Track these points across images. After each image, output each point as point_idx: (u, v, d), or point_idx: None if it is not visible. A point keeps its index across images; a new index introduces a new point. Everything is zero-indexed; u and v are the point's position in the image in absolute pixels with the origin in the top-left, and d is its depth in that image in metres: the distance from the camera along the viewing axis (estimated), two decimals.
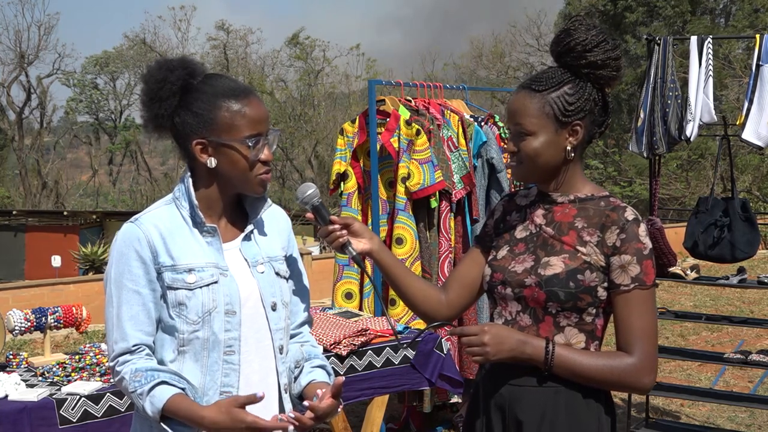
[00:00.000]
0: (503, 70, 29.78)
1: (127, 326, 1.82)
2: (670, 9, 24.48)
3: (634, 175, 22.85)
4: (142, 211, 1.92)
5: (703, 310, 8.48)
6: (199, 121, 1.82)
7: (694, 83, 4.36)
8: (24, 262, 19.74)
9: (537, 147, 1.81)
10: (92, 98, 37.05)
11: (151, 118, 1.86)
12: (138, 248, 1.82)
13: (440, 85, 4.93)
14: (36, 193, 31.98)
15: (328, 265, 4.99)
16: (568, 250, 1.81)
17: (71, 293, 11.37)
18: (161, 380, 1.78)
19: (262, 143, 1.85)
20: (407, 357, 3.67)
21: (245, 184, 1.86)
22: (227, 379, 1.85)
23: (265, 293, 1.90)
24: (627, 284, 1.77)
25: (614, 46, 1.82)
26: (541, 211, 1.90)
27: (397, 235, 4.34)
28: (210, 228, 1.87)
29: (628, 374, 1.76)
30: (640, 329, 1.76)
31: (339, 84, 32.54)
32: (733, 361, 4.51)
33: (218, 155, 1.83)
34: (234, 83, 1.87)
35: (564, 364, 1.76)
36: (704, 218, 4.42)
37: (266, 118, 1.86)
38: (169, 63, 1.86)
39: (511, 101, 1.85)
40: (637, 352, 1.76)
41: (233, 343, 1.85)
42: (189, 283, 1.82)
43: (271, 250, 1.96)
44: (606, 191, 1.89)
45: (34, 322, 3.31)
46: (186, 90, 1.84)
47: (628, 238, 1.77)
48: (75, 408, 2.76)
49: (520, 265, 1.86)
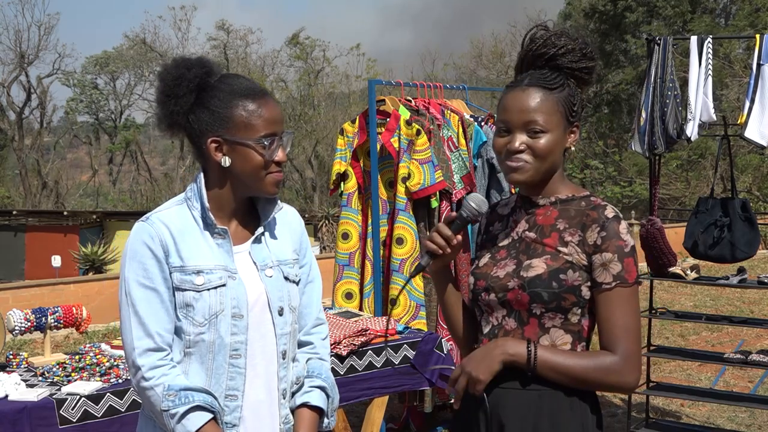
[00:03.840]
0: (503, 70, 29.76)
1: (149, 322, 1.80)
2: (670, 9, 24.48)
3: (634, 175, 22.86)
4: (143, 210, 1.92)
5: (703, 310, 8.48)
6: (215, 119, 1.82)
7: (694, 83, 4.36)
8: (24, 262, 19.73)
9: (551, 145, 1.80)
10: (92, 98, 37.04)
11: (166, 115, 1.85)
12: (151, 246, 1.82)
13: (440, 85, 4.93)
14: (36, 193, 31.98)
15: (328, 265, 4.98)
16: (550, 251, 1.81)
17: (71, 293, 11.37)
18: (196, 404, 1.78)
19: (277, 144, 1.84)
20: (407, 357, 3.67)
21: (258, 184, 1.85)
22: (232, 383, 1.85)
23: (272, 298, 1.89)
24: (609, 282, 1.76)
25: (594, 52, 1.88)
26: (524, 216, 1.90)
27: (397, 235, 4.34)
28: (221, 230, 1.87)
29: (612, 373, 1.75)
30: (622, 327, 1.76)
31: (339, 84, 32.55)
32: (733, 361, 4.51)
33: (233, 154, 1.83)
34: (251, 83, 1.86)
35: (547, 363, 1.75)
36: (704, 218, 4.42)
37: (281, 120, 1.86)
38: (186, 61, 1.86)
39: (520, 98, 1.81)
40: (620, 350, 1.75)
41: (239, 347, 1.85)
42: (197, 284, 1.82)
43: (282, 253, 1.95)
44: (586, 191, 1.90)
45: (34, 322, 3.31)
46: (202, 88, 1.83)
47: (608, 235, 1.77)
48: (75, 408, 2.76)
49: (501, 270, 1.85)
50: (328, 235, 20.21)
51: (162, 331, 1.82)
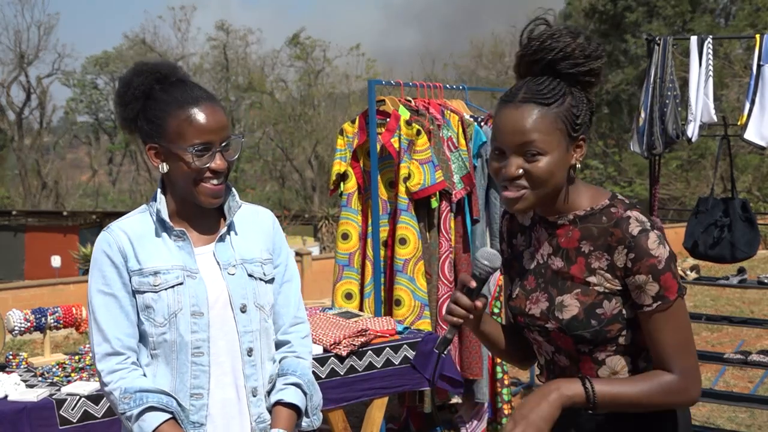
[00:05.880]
0: (503, 70, 29.78)
1: (106, 328, 1.84)
2: (670, 9, 24.48)
3: (634, 175, 22.86)
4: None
5: (703, 310, 8.48)
6: (152, 128, 1.85)
7: (694, 83, 4.36)
8: (24, 262, 19.74)
9: (551, 168, 1.63)
10: (92, 98, 37.04)
11: (119, 120, 1.93)
12: (110, 253, 1.86)
13: (440, 85, 4.93)
14: (36, 193, 32.00)
15: (328, 265, 4.99)
16: (579, 284, 1.69)
17: (71, 293, 11.37)
18: (150, 405, 1.80)
19: (213, 152, 1.84)
20: (407, 357, 3.67)
21: (191, 192, 1.86)
22: (197, 381, 1.86)
23: (234, 295, 1.90)
24: (649, 304, 1.64)
25: (599, 47, 1.70)
26: (545, 236, 1.76)
27: (400, 235, 4.34)
28: (179, 232, 1.89)
29: (673, 393, 1.65)
30: (673, 345, 1.64)
31: (339, 84, 32.57)
32: (733, 362, 4.51)
33: (169, 161, 1.85)
34: (191, 91, 1.86)
35: (607, 397, 1.64)
36: (704, 218, 4.42)
37: (219, 127, 1.84)
38: (139, 67, 1.89)
39: (514, 117, 1.63)
40: (677, 368, 1.65)
41: (201, 345, 1.86)
42: (154, 285, 1.84)
43: (248, 252, 1.95)
44: (604, 197, 1.72)
45: (33, 323, 3.31)
46: (147, 96, 1.86)
47: (637, 256, 1.62)
48: (75, 408, 2.76)
49: (535, 306, 1.75)
50: (328, 236, 20.23)
51: (120, 335, 1.85)
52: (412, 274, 4.31)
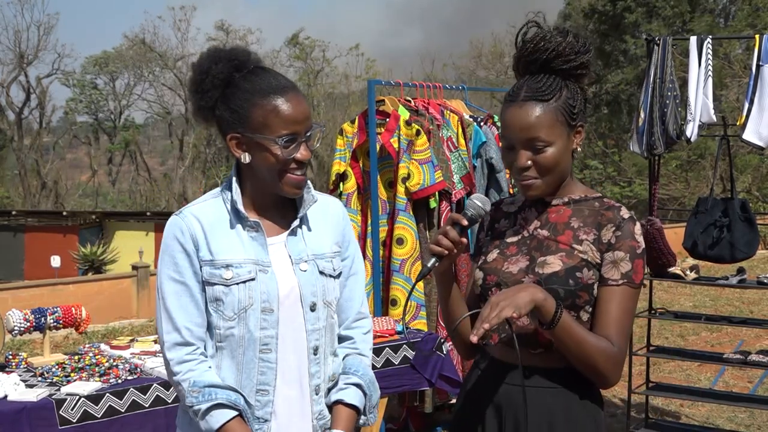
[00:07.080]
0: (503, 70, 29.76)
1: (176, 317, 1.81)
2: (669, 9, 24.46)
3: (634, 175, 22.84)
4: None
5: (702, 310, 8.48)
6: (235, 117, 1.81)
7: (693, 83, 4.36)
8: (23, 262, 19.74)
9: (557, 156, 1.81)
10: (92, 98, 37.01)
11: (195, 109, 1.86)
12: (182, 240, 1.82)
13: (440, 86, 4.93)
14: (35, 193, 31.99)
15: None
16: (564, 248, 1.82)
17: (71, 293, 11.37)
18: (218, 402, 1.78)
19: (298, 142, 1.82)
20: (407, 357, 3.67)
21: (275, 183, 1.83)
22: (263, 378, 1.84)
23: (305, 292, 1.87)
24: (616, 279, 1.78)
25: (586, 42, 1.85)
26: (535, 214, 1.90)
27: (397, 235, 4.34)
28: (253, 223, 1.86)
29: (610, 360, 1.75)
30: (619, 324, 1.77)
31: (338, 84, 32.55)
32: (733, 362, 4.51)
33: (252, 151, 1.82)
34: (274, 80, 1.83)
35: (566, 327, 1.71)
36: (704, 218, 4.42)
37: (304, 117, 1.82)
38: (216, 54, 1.84)
39: (519, 115, 1.80)
40: (616, 345, 1.76)
41: (270, 341, 1.83)
42: (226, 279, 1.81)
43: (319, 246, 1.92)
44: (598, 193, 1.91)
45: (33, 323, 3.31)
46: (228, 84, 1.82)
47: (623, 235, 1.79)
48: (74, 408, 2.76)
49: (514, 265, 1.85)
50: None
51: (191, 326, 1.82)
52: (408, 274, 4.32)
